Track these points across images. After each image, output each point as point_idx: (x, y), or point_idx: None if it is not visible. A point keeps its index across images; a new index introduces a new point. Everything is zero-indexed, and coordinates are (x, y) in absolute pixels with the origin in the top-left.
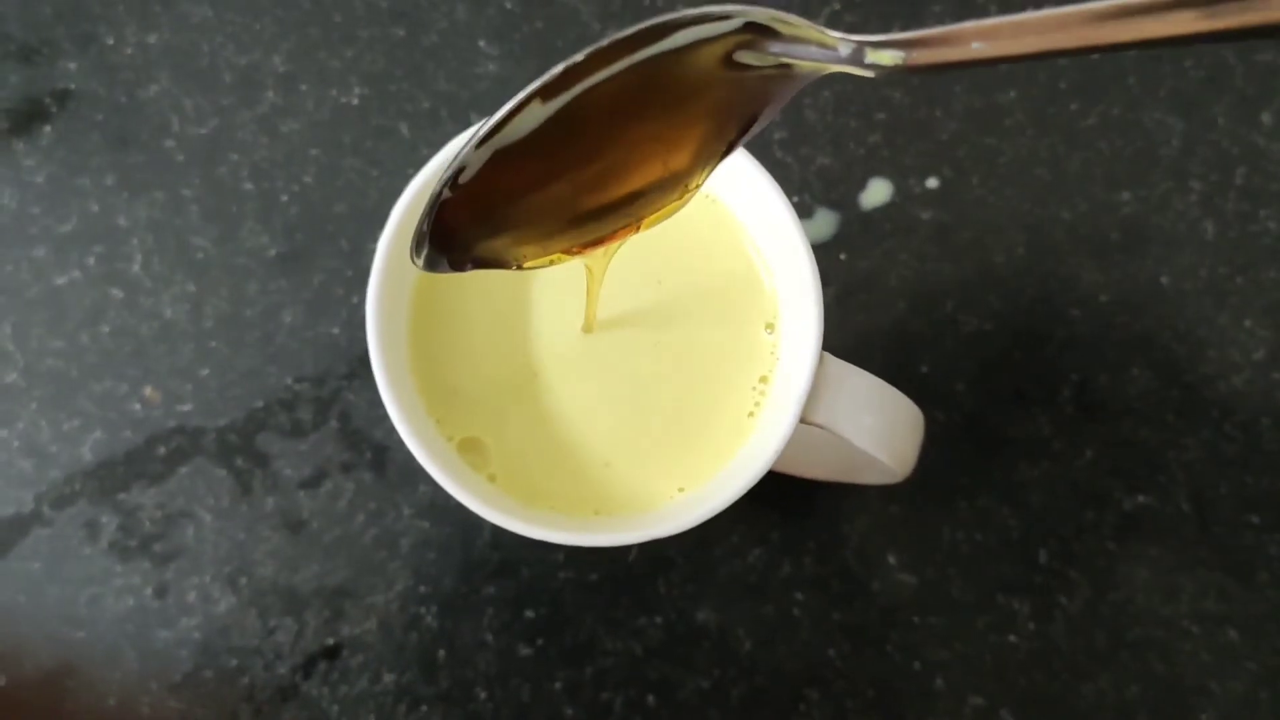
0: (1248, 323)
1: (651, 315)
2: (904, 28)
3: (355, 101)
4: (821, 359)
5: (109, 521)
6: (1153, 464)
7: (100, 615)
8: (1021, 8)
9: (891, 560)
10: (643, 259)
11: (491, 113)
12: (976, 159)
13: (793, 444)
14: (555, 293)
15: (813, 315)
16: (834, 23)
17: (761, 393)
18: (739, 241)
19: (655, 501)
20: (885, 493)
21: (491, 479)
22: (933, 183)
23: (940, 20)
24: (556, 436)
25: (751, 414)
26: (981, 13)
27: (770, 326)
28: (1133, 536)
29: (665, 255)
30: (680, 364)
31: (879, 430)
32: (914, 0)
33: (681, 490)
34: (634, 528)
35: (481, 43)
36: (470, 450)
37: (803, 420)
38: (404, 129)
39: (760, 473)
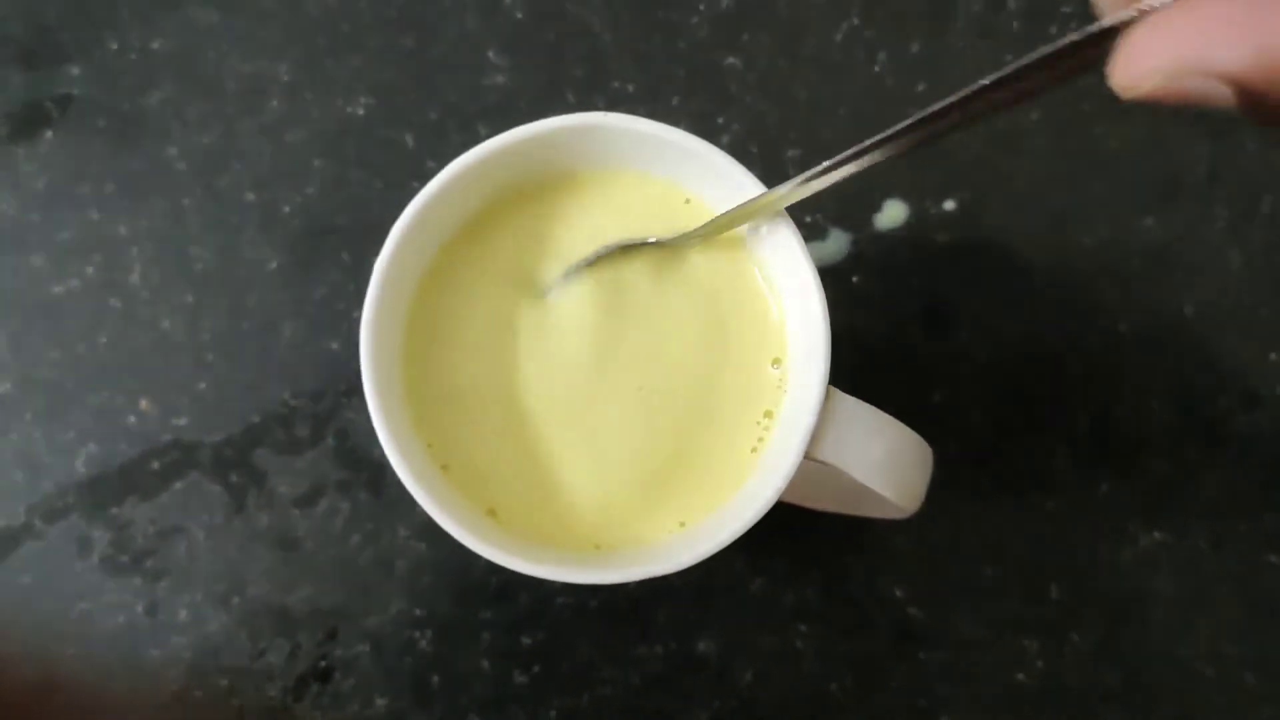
0: (1272, 355)
1: (657, 347)
2: (923, 44)
3: (361, 112)
4: (829, 394)
5: (101, 536)
6: (1171, 499)
7: (90, 632)
8: (1051, 12)
9: (898, 593)
10: (649, 290)
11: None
12: (996, 181)
13: (798, 477)
14: (557, 321)
15: (820, 351)
16: (853, 38)
17: (766, 428)
18: (748, 274)
19: (655, 536)
20: (893, 523)
21: (490, 513)
22: (950, 205)
23: (964, 34)
24: (556, 468)
25: (755, 450)
26: (1006, 26)
27: (777, 361)
28: (1148, 573)
29: (673, 287)
30: (684, 397)
31: (887, 468)
32: (936, 14)
33: (682, 525)
34: (633, 564)
35: (491, 54)
36: (466, 481)
37: (808, 457)
38: (410, 141)
39: (762, 511)
